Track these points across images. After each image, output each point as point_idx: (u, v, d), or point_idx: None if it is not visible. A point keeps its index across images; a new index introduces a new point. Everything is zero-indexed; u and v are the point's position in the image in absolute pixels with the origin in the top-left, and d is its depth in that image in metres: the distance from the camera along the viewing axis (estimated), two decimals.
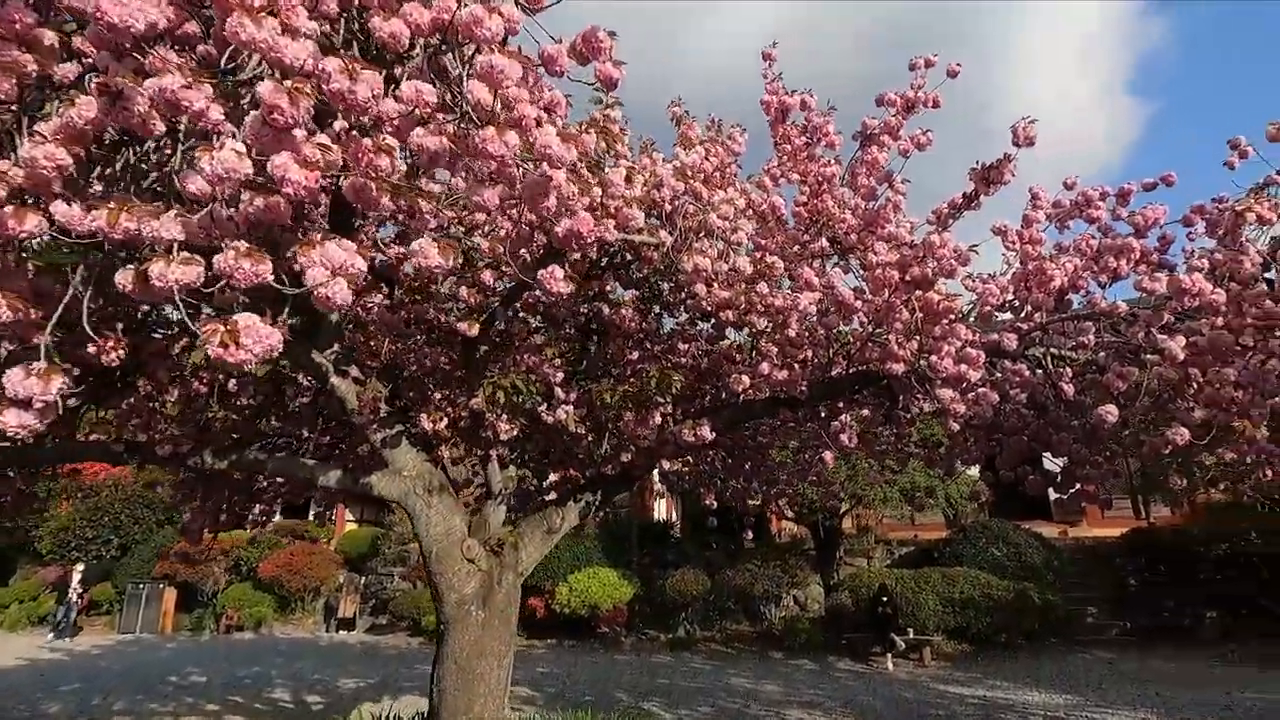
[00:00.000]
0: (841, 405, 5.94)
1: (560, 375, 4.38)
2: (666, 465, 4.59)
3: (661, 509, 21.25)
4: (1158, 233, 4.08)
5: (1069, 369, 4.35)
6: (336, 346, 4.20)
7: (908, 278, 3.64)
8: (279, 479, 5.49)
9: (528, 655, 12.47)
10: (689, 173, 3.69)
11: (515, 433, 4.42)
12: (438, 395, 4.56)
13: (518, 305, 4.36)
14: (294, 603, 16.72)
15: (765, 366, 4.07)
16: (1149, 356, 3.59)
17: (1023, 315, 4.26)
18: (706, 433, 4.24)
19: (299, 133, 1.74)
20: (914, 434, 6.83)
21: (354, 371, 4.18)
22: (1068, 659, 10.44)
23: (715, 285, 3.81)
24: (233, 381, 4.20)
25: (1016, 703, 8.23)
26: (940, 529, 15.55)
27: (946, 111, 4.36)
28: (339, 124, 2.10)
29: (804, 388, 4.57)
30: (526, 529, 4.67)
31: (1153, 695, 8.19)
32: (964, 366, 3.74)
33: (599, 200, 3.26)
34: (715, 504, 7.74)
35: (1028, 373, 4.88)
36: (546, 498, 5.30)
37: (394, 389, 4.67)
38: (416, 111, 1.92)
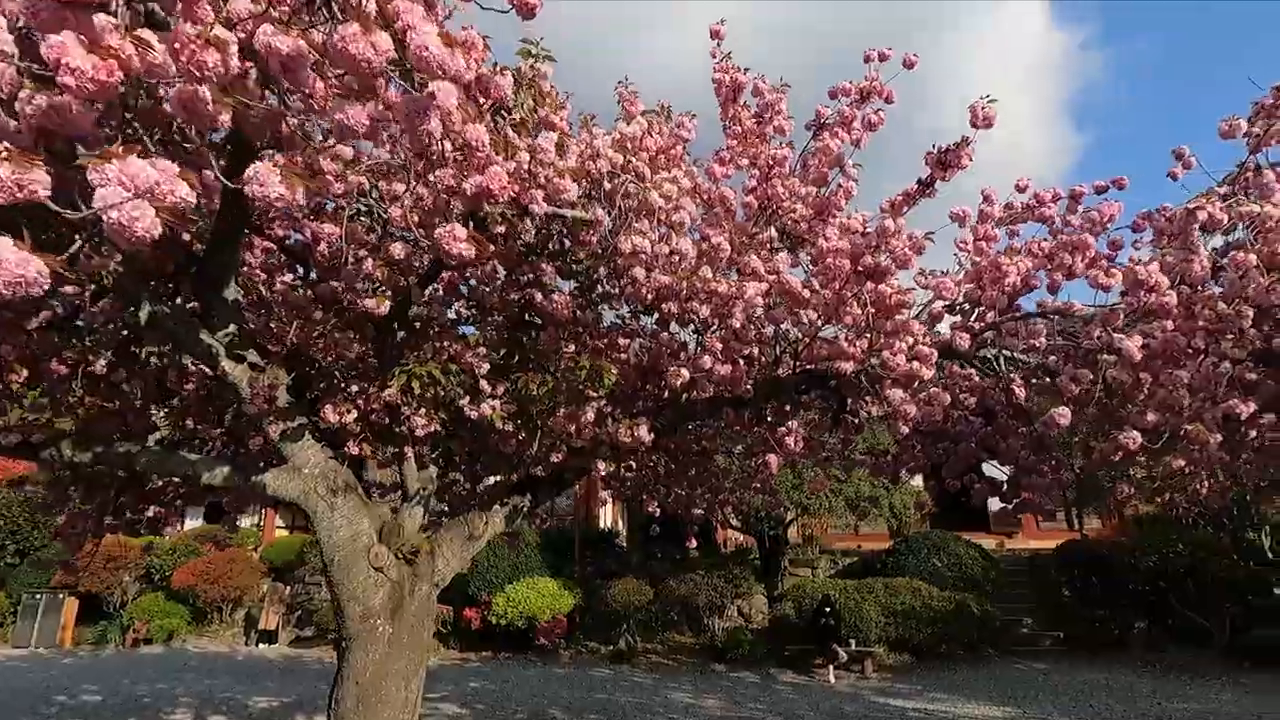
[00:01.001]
0: (789, 409, 5.73)
1: (486, 366, 4.00)
2: (602, 468, 4.24)
3: (607, 517, 20.87)
4: (1106, 238, 3.99)
5: (1019, 372, 4.21)
6: (233, 328, 3.73)
7: (860, 268, 3.40)
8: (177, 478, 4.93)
9: (461, 669, 11.89)
10: (629, 145, 3.38)
11: (434, 429, 4.02)
12: (353, 387, 4.12)
13: (438, 286, 3.96)
14: (211, 614, 15.64)
15: (707, 360, 3.78)
16: (1105, 357, 3.44)
17: (975, 315, 4.10)
18: (644, 433, 3.93)
19: (102, 18, 1.34)
20: (860, 441, 6.66)
21: (253, 357, 3.72)
22: (1004, 670, 10.48)
23: (655, 270, 3.51)
24: (101, 363, 3.67)
25: (956, 715, 8.14)
26: (883, 539, 15.62)
27: (895, 141, 4.19)
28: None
29: (749, 386, 4.31)
30: (445, 535, 4.25)
31: (1087, 708, 8.22)
32: (916, 365, 3.52)
33: (526, 167, 2.93)
34: (658, 512, 7.45)
35: (976, 377, 4.75)
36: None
37: (299, 378, 4.21)
38: (273, 11, 1.55)
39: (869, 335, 3.76)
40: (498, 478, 5.03)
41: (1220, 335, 3.45)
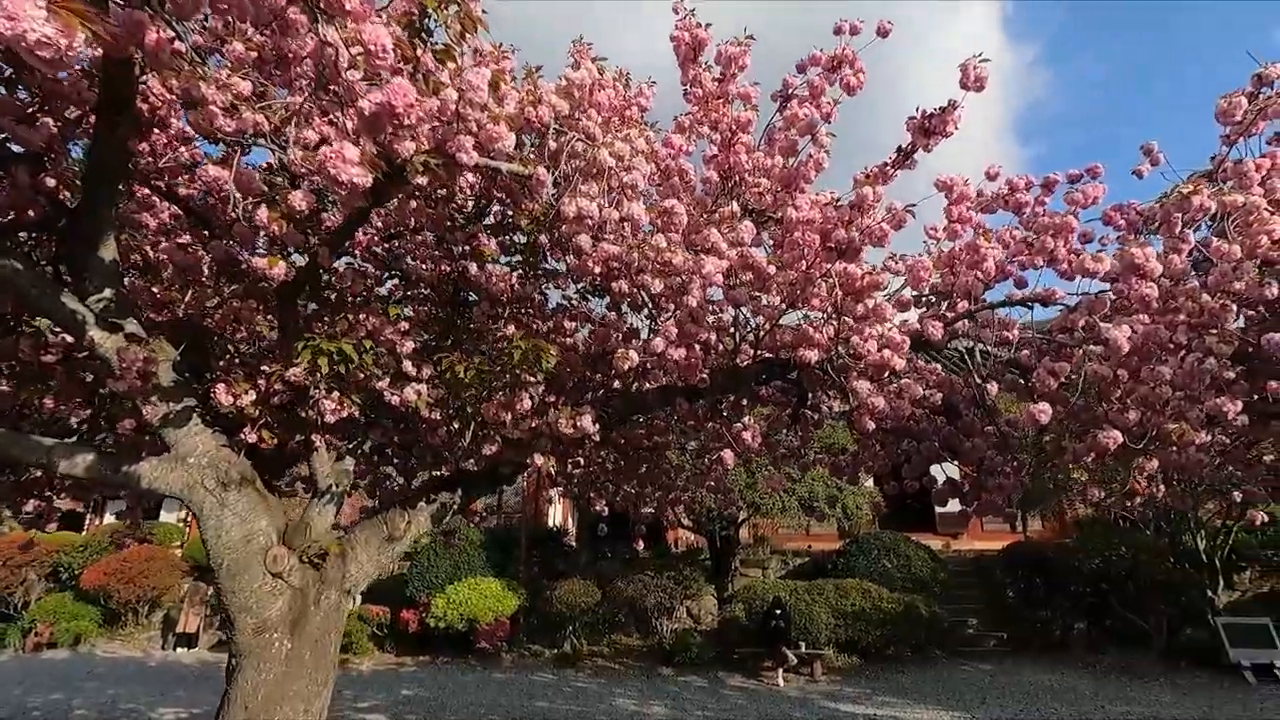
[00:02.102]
0: (746, 403, 5.41)
1: (410, 345, 3.53)
2: (540, 461, 3.81)
3: (557, 515, 20.38)
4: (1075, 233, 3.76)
5: (990, 366, 3.96)
6: (109, 292, 3.18)
7: (830, 243, 3.07)
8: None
9: (396, 675, 11.26)
10: (576, 95, 2.97)
11: (347, 415, 3.53)
12: (263, 368, 3.59)
13: (354, 251, 3.48)
14: (125, 616, 14.55)
15: (660, 343, 3.39)
16: (1091, 348, 3.19)
17: (948, 303, 3.82)
18: (588, 424, 3.51)
19: None
20: (816, 439, 6.40)
21: (132, 327, 3.18)
22: (951, 672, 10.44)
23: (603, 238, 3.10)
24: None
25: None
26: (834, 540, 15.56)
27: (855, 149, 3.86)
28: None
29: (704, 376, 3.94)
30: (360, 536, 3.76)
31: (1033, 711, 8.18)
32: (888, 353, 3.21)
33: (454, 108, 2.49)
34: (607, 510, 7.06)
35: (941, 371, 4.49)
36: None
37: (196, 355, 3.67)
38: None
39: (836, 321, 3.44)
40: (428, 472, 4.55)
41: (1204, 330, 3.25)
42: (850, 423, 5.07)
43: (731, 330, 4.04)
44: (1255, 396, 3.63)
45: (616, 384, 4.77)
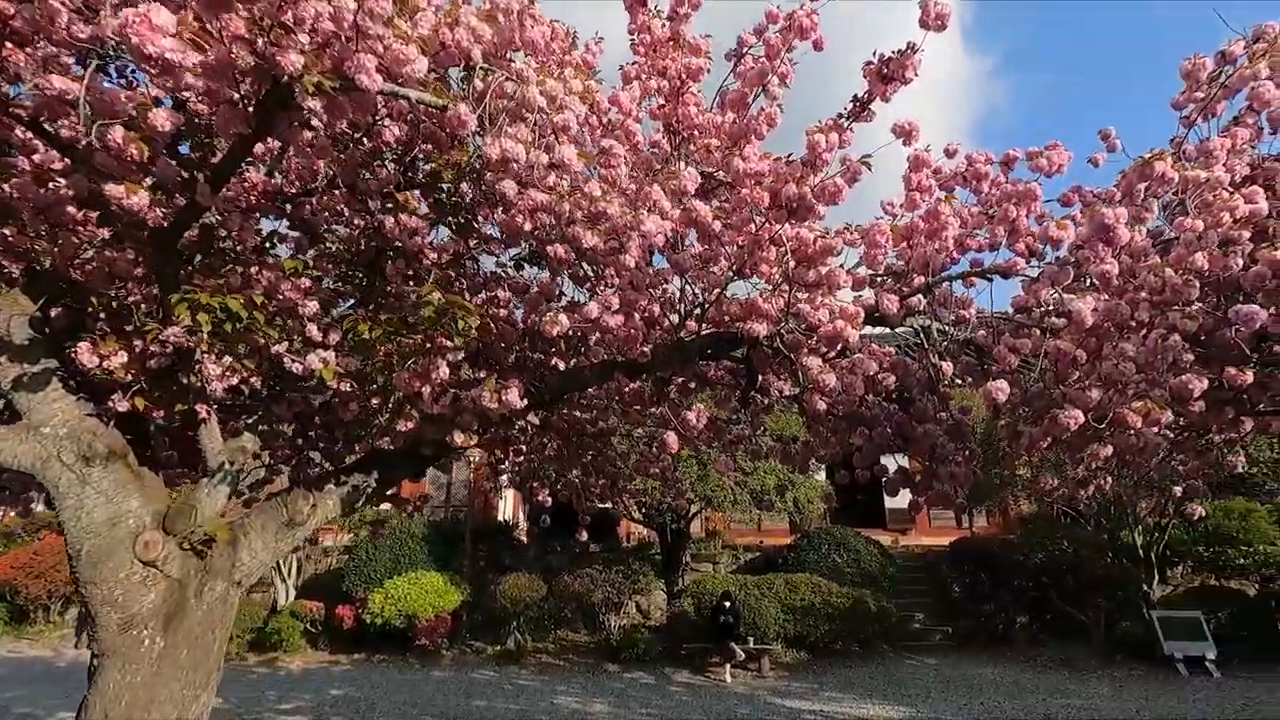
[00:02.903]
0: (694, 386, 5.14)
1: (314, 306, 3.14)
2: (460, 439, 3.45)
3: (507, 508, 19.92)
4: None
5: (947, 345, 3.77)
6: None
7: (781, 202, 2.80)
8: None
9: (327, 674, 10.71)
10: (502, 20, 2.63)
11: (238, 382, 3.12)
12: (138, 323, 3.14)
13: (243, 199, 3.06)
14: (34, 613, 13.56)
15: (594, 308, 3.08)
16: (1055, 320, 3.01)
17: (905, 278, 3.60)
18: (514, 398, 3.18)
19: None
20: (767, 426, 6.20)
21: None
22: (898, 667, 10.43)
23: (530, 185, 2.77)
24: None
25: (851, 717, 7.88)
26: (786, 535, 15.52)
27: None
28: None
29: (645, 349, 3.65)
30: (254, 521, 3.34)
31: (978, 705, 8.16)
32: (841, 323, 2.96)
33: (350, 18, 2.13)
34: (549, 501, 6.73)
35: (894, 352, 4.30)
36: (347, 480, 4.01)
37: (63, 310, 3.22)
38: None
39: (787, 290, 3.18)
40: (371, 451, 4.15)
41: (1166, 307, 3.10)
42: (801, 407, 4.85)
43: (677, 303, 3.75)
44: (1210, 382, 3.52)
45: (559, 362, 4.46)
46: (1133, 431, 3.21)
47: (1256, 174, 3.87)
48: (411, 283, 3.41)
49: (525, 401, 3.26)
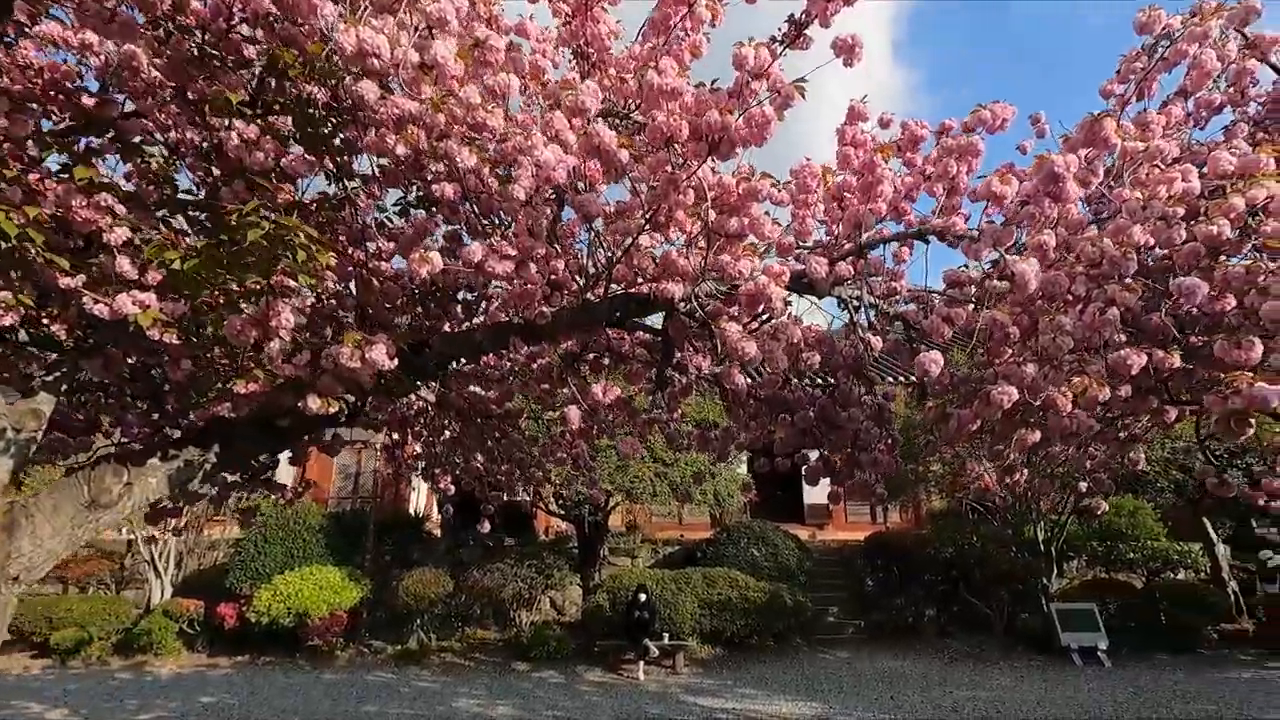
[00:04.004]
0: (607, 361, 4.72)
1: (122, 233, 2.50)
2: (315, 405, 2.89)
3: (421, 500, 18.98)
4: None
5: (876, 319, 3.49)
6: None
7: (702, 135, 2.40)
8: None
9: (202, 679, 9.70)
10: None
11: (10, 322, 2.47)
12: None
13: (18, 83, 2.40)
14: None
15: (477, 251, 2.60)
16: (997, 283, 2.74)
17: (836, 245, 3.29)
18: (380, 356, 2.65)
19: None
20: (685, 411, 5.85)
21: None
22: (811, 661, 10.38)
23: (395, 89, 2.27)
24: None
25: (764, 715, 7.68)
26: (707, 529, 15.36)
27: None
28: None
29: (544, 309, 3.19)
30: (44, 501, 2.69)
31: (888, 700, 8.13)
32: (764, 280, 2.59)
33: None
34: (453, 489, 6.18)
35: (820, 327, 4.01)
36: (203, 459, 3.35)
37: None
38: None
39: (705, 244, 2.79)
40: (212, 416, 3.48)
41: (1104, 280, 2.89)
42: (722, 389, 4.50)
43: (585, 260, 3.30)
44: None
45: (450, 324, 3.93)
46: (1065, 414, 2.99)
47: (1184, 156, 3.75)
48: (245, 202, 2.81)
49: (395, 362, 2.72)
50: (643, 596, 10.26)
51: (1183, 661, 9.90)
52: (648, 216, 2.72)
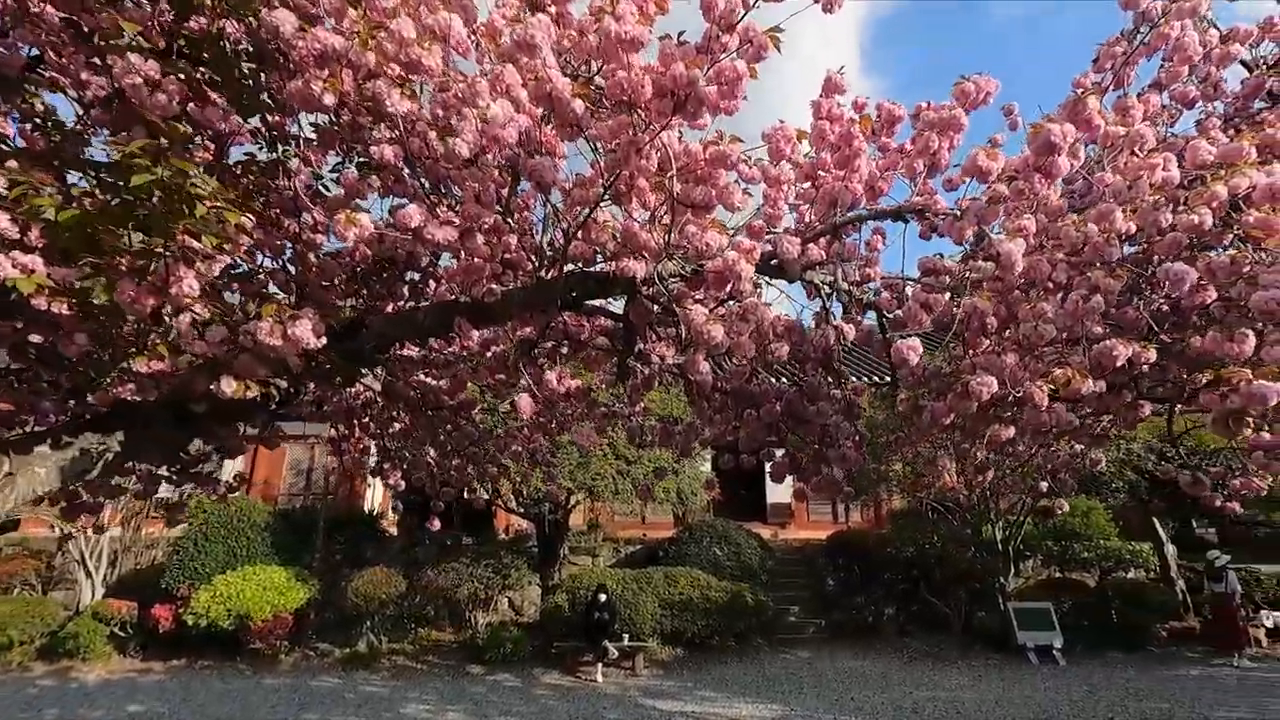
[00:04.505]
0: (565, 349, 4.48)
1: None
2: (230, 389, 2.57)
3: (376, 496, 18.40)
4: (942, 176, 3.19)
5: (850, 307, 3.32)
6: None
7: (666, 91, 2.17)
8: None
9: (132, 685, 9.14)
10: None
11: None
12: None
13: None
14: None
15: (415, 214, 2.33)
16: (981, 264, 2.57)
17: (808, 226, 3.10)
18: (305, 333, 2.37)
19: None
20: (650, 406, 5.64)
21: None
22: (772, 661, 10.27)
23: (317, 23, 1.99)
24: None
25: (724, 718, 7.51)
26: (670, 528, 15.18)
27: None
28: None
29: (493, 287, 2.93)
30: None
31: (849, 701, 8.04)
32: (733, 255, 2.37)
33: None
34: (404, 484, 5.88)
35: (789, 317, 3.83)
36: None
37: None
38: None
39: (670, 218, 2.57)
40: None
41: (1086, 267, 2.76)
42: (686, 381, 4.29)
43: (539, 235, 3.05)
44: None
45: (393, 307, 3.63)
46: (1043, 409, 2.85)
47: (1161, 147, 3.66)
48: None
49: (323, 340, 2.43)
50: (602, 597, 10.02)
51: (1134, 659, 10.06)
52: (607, 185, 2.48)
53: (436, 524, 6.17)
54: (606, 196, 2.53)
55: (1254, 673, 9.26)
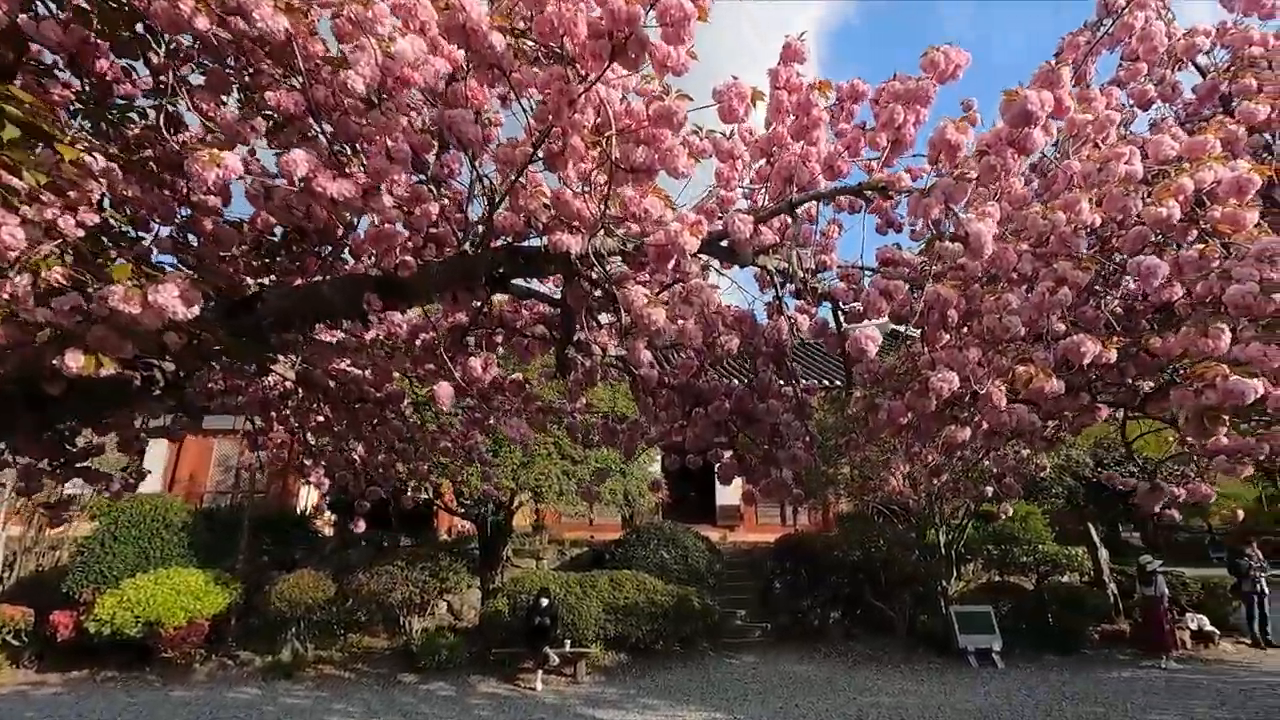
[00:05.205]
0: (500, 337, 4.14)
1: None
2: (76, 365, 2.17)
3: (312, 496, 17.56)
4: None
5: (804, 295, 3.09)
6: None
7: (603, 32, 1.88)
8: None
9: (22, 701, 8.35)
10: None
11: None
12: None
13: None
14: None
15: (300, 161, 1.98)
16: (947, 245, 2.36)
17: (763, 203, 2.85)
18: (170, 300, 1.99)
19: None
20: (591, 399, 5.34)
21: None
22: (717, 666, 10.09)
23: None
24: None
25: None
26: (618, 530, 14.90)
27: None
28: None
29: (407, 259, 2.59)
30: None
31: (793, 708, 7.89)
32: (677, 227, 2.10)
33: None
34: (326, 482, 5.46)
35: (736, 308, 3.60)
36: None
37: None
38: None
39: (607, 184, 2.28)
40: None
41: (1051, 258, 2.59)
42: (630, 372, 4.03)
43: (465, 202, 2.72)
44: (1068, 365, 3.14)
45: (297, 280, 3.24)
46: (1003, 410, 2.67)
47: (1120, 141, 3.55)
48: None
49: (194, 310, 2.06)
50: (544, 601, 9.66)
51: (1069, 662, 10.24)
52: (537, 143, 2.18)
53: (361, 525, 5.73)
54: (537, 156, 2.22)
55: (1180, 674, 9.52)
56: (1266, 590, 11.52)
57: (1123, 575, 12.58)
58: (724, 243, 2.73)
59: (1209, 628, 11.24)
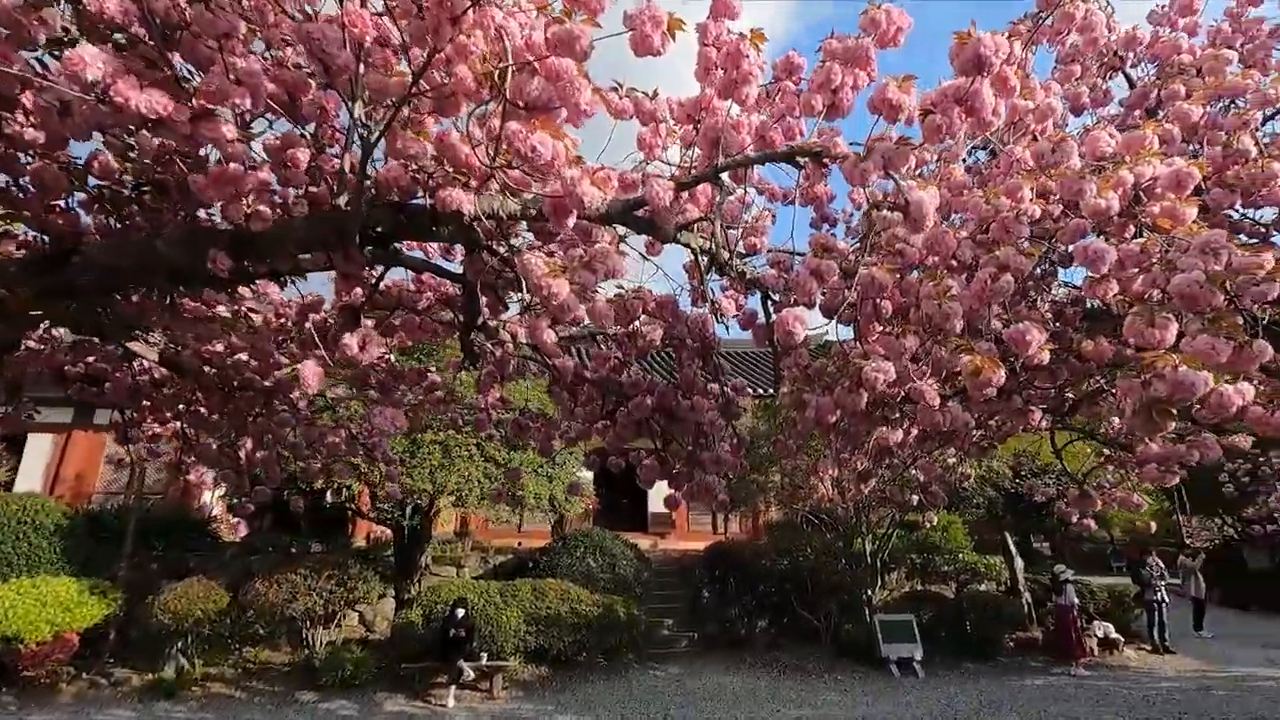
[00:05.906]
0: (399, 320, 3.73)
1: None
2: None
3: (214, 498, 16.34)
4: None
5: (734, 280, 2.83)
6: None
7: None
8: None
9: None
10: None
11: None
12: None
13: None
14: None
15: (95, 63, 1.56)
16: (885, 214, 2.12)
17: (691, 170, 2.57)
18: None
19: None
20: (506, 393, 4.97)
21: None
22: (641, 678, 9.77)
23: None
24: None
25: None
26: (547, 537, 14.43)
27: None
28: None
29: (261, 209, 2.18)
30: None
31: None
32: (574, 176, 1.78)
33: None
34: (208, 480, 4.92)
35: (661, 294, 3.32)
36: None
37: None
38: None
39: (499, 124, 1.94)
40: None
41: (991, 246, 2.40)
42: (550, 370, 3.72)
43: (342, 149, 2.32)
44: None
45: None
46: (938, 408, 2.46)
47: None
48: None
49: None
50: (460, 611, 9.12)
51: (986, 669, 10.40)
52: (417, 72, 1.82)
53: (243, 530, 5.14)
54: (418, 88, 1.86)
55: (1088, 681, 9.79)
56: (1166, 599, 12.08)
57: (1036, 584, 12.97)
58: (642, 212, 2.43)
59: (1114, 635, 11.67)
